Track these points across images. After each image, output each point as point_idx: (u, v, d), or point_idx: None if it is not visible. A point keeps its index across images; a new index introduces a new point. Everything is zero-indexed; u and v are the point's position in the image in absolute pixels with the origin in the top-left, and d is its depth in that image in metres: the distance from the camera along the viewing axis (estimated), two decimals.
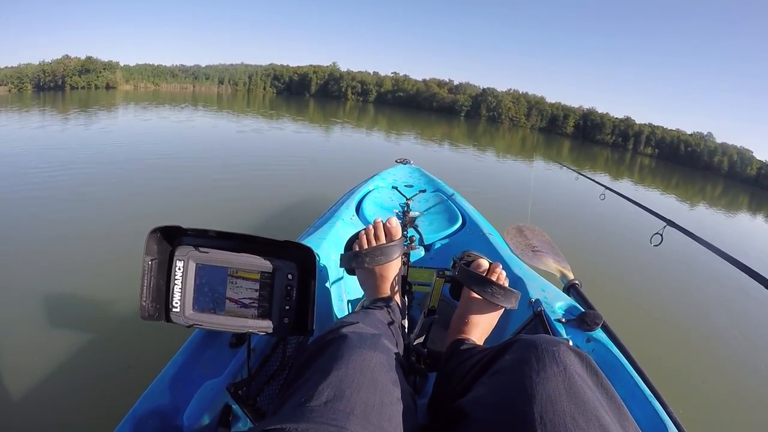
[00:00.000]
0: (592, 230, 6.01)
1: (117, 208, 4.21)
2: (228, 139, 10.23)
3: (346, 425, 0.47)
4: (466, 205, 2.35)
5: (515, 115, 50.99)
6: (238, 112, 19.62)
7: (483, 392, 0.62)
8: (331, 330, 0.69)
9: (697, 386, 2.61)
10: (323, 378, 0.55)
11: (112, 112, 15.65)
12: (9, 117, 12.98)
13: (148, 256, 0.74)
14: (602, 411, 0.52)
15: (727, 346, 3.24)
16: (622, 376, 0.97)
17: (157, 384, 0.83)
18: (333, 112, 27.62)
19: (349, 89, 55.94)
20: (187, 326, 0.77)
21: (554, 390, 0.54)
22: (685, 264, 5.04)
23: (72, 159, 6.29)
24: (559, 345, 0.61)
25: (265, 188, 5.52)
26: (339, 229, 1.72)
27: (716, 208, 13.25)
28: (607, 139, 48.56)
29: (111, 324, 2.34)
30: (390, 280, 1.04)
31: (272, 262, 0.79)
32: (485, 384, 0.64)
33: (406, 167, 3.17)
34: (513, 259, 1.62)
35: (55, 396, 1.85)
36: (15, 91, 35.72)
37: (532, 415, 0.51)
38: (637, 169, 24.81)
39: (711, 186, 22.78)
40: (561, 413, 0.51)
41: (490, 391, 0.61)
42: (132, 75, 49.25)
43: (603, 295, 3.20)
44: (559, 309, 1.19)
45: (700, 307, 3.94)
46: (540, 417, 0.51)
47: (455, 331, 0.99)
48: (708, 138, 46.65)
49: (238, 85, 55.84)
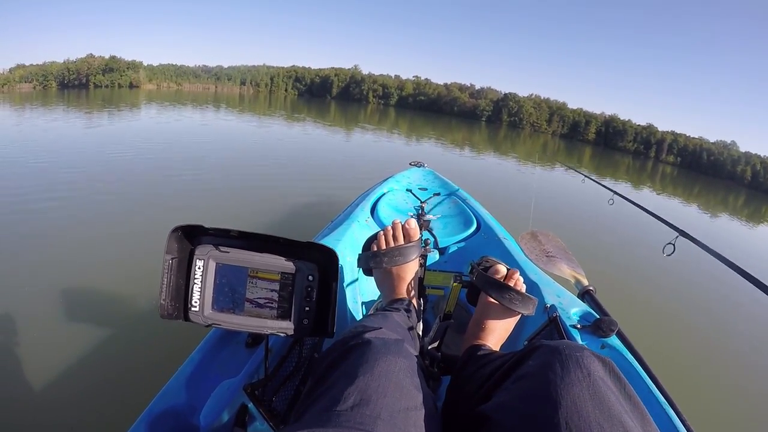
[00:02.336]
0: (605, 236, 5.96)
1: (138, 208, 4.27)
2: (248, 141, 10.31)
3: (373, 430, 0.48)
4: (480, 209, 2.35)
5: (536, 120, 50.60)
6: (260, 114, 19.76)
7: (507, 398, 0.62)
8: (354, 335, 0.69)
9: (711, 395, 2.59)
10: (349, 383, 0.55)
11: (136, 112, 15.88)
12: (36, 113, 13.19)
13: (168, 254, 0.74)
14: (626, 417, 0.52)
15: (743, 357, 3.20)
16: (636, 383, 0.96)
17: (173, 383, 0.83)
18: (354, 116, 27.69)
19: (371, 92, 55.94)
20: (205, 326, 0.78)
21: (579, 395, 0.54)
22: (701, 273, 4.98)
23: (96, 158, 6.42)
24: (583, 351, 0.61)
25: (281, 189, 5.55)
26: (354, 231, 1.73)
27: (738, 219, 13.02)
28: (629, 147, 47.94)
29: (129, 322, 2.37)
30: (407, 281, 1.04)
31: (293, 263, 0.79)
32: (508, 390, 0.63)
33: (420, 170, 3.18)
34: (528, 264, 1.62)
35: (72, 393, 1.87)
36: (40, 88, 36.33)
37: (558, 421, 0.51)
38: (658, 177, 24.51)
39: (733, 196, 22.41)
40: (586, 419, 0.51)
41: (514, 397, 0.60)
42: (155, 74, 49.87)
43: (617, 302, 3.16)
44: (574, 315, 1.19)
45: (715, 316, 3.90)
46: (566, 423, 0.51)
47: (472, 336, 0.98)
48: (731, 146, 45.87)
49: (260, 87, 56.21)
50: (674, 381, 1.18)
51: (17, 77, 36.74)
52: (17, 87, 34.88)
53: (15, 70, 37.77)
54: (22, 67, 38.72)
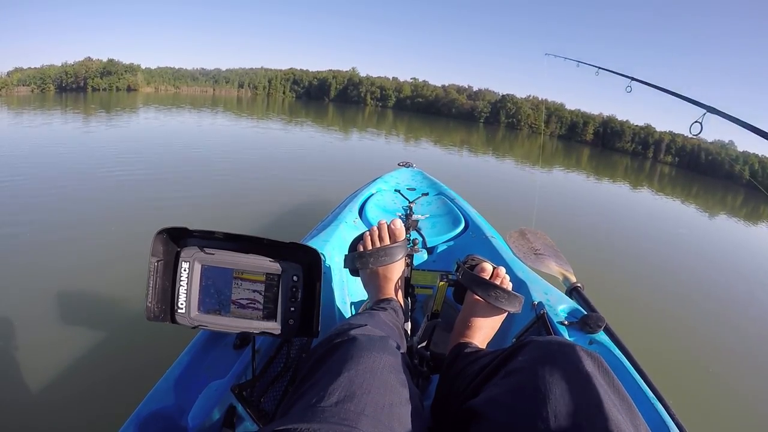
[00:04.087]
0: (594, 232, 5.98)
1: (123, 210, 4.24)
2: (238, 142, 10.32)
3: (357, 425, 0.48)
4: (468, 208, 2.36)
5: (534, 122, 50.48)
6: (258, 117, 19.71)
7: (496, 393, 0.63)
8: (340, 332, 0.69)
9: (699, 388, 2.62)
10: (333, 379, 0.56)
11: (130, 116, 15.86)
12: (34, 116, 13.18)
13: (154, 257, 0.75)
14: (615, 410, 0.52)
15: (731, 351, 3.23)
16: (624, 378, 0.97)
17: (161, 385, 0.83)
18: (352, 118, 27.66)
19: (368, 95, 55.59)
20: (192, 327, 0.78)
21: (568, 390, 0.54)
22: (688, 269, 5.06)
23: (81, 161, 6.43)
24: (573, 346, 0.62)
25: (269, 191, 5.58)
26: (342, 232, 1.74)
27: (736, 218, 13.01)
28: (627, 147, 47.72)
29: (116, 325, 2.37)
30: (393, 281, 1.04)
31: (278, 264, 0.80)
32: (498, 385, 0.64)
33: (408, 170, 3.19)
34: (516, 262, 1.63)
35: (60, 396, 1.87)
36: (37, 92, 36.24)
37: (547, 415, 0.52)
38: (656, 177, 24.44)
39: (732, 196, 22.36)
40: (575, 413, 0.52)
41: (502, 392, 0.61)
42: (153, 78, 49.65)
43: (606, 298, 3.17)
44: (561, 312, 1.20)
45: (703, 311, 3.93)
46: (554, 416, 0.52)
47: (458, 334, 0.99)
48: (729, 146, 45.85)
49: (258, 89, 55.95)
50: (662, 375, 1.19)
51: (15, 80, 36.56)
52: (15, 90, 34.75)
53: (13, 74, 37.54)
54: (20, 71, 38.51)
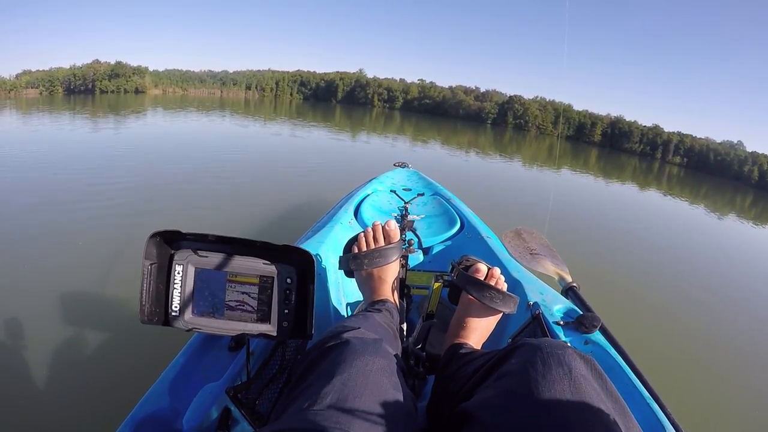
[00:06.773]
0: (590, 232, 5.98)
1: (116, 213, 4.21)
2: (235, 145, 10.25)
3: (349, 428, 0.48)
4: (464, 208, 2.36)
5: (542, 123, 50.30)
6: (265, 119, 19.74)
7: (488, 395, 0.62)
8: (333, 335, 0.70)
9: (694, 387, 2.61)
10: (326, 382, 0.56)
11: (136, 117, 15.94)
12: None
13: (147, 260, 0.75)
14: (607, 413, 0.53)
15: (727, 349, 3.23)
16: (620, 378, 0.96)
17: (156, 387, 0.83)
18: (359, 120, 27.65)
19: (376, 96, 55.59)
20: (186, 330, 0.79)
21: (560, 392, 0.54)
22: (684, 268, 5.06)
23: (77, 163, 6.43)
24: (565, 349, 0.62)
25: (264, 193, 5.57)
26: (337, 233, 1.73)
27: (745, 220, 12.91)
28: (635, 148, 47.43)
29: (110, 328, 2.36)
30: (388, 282, 1.05)
31: (271, 267, 0.80)
32: (490, 387, 0.64)
33: (404, 171, 3.19)
34: (511, 262, 1.62)
35: (54, 399, 1.87)
36: (46, 94, 36.56)
37: (539, 417, 0.52)
38: (665, 178, 24.34)
39: (741, 196, 22.23)
40: (567, 416, 0.52)
41: (495, 394, 0.61)
42: (161, 80, 50.02)
43: (602, 298, 3.18)
44: (557, 312, 1.19)
45: (699, 310, 3.92)
46: (546, 419, 0.52)
47: (453, 335, 0.99)
48: (738, 146, 45.54)
49: (265, 91, 56.16)
50: (658, 374, 1.18)
51: (23, 83, 36.94)
52: (24, 92, 35.14)
53: (21, 76, 37.93)
54: (29, 73, 38.87)
